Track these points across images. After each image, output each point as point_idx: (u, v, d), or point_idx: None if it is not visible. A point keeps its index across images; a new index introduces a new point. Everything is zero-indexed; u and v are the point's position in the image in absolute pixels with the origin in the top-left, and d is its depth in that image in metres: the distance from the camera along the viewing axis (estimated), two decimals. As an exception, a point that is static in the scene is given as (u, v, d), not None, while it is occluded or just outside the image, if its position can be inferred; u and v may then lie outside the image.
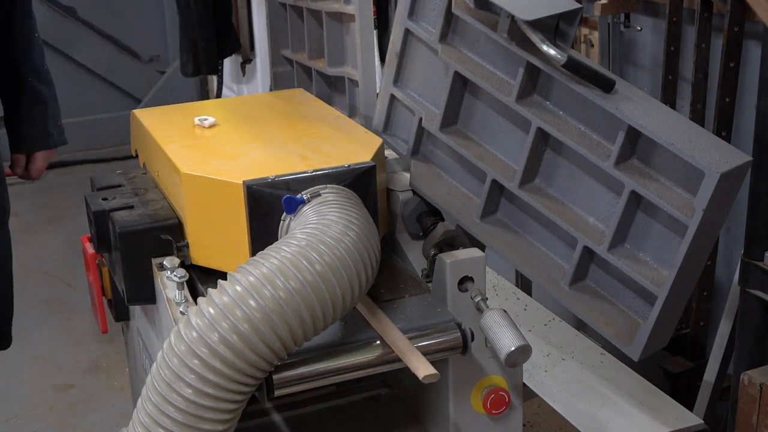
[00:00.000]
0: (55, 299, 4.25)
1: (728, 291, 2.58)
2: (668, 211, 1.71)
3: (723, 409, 2.60)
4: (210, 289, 1.53)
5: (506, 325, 1.69)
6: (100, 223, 2.03)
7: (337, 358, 1.65)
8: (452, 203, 2.05)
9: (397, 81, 2.17)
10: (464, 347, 1.71)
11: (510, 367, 1.73)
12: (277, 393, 1.59)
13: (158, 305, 1.92)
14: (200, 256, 1.90)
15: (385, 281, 1.88)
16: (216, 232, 1.85)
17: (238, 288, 1.50)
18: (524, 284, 3.17)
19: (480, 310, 1.75)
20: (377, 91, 2.40)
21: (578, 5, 1.85)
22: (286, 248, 1.55)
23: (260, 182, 1.77)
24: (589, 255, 1.87)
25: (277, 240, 1.69)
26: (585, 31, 2.97)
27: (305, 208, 1.73)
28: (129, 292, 1.95)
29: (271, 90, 3.24)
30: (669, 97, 2.73)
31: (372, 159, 1.87)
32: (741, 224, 2.38)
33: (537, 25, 1.77)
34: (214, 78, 4.66)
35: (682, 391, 2.75)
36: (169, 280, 1.78)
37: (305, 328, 1.52)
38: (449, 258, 1.80)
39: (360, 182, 1.83)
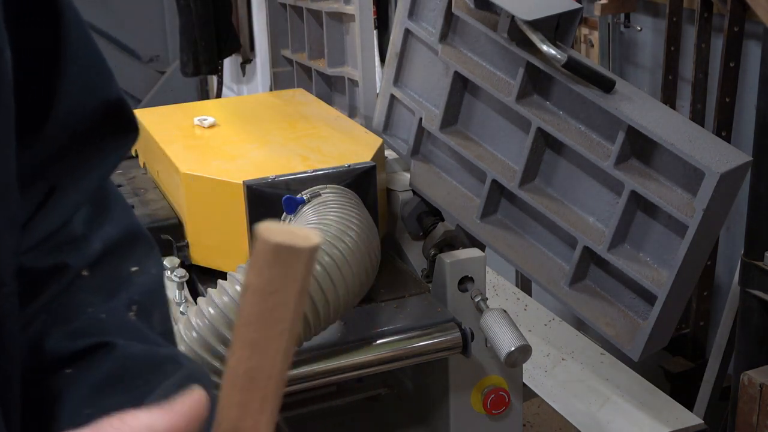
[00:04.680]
0: (55, 299, 4.24)
1: (728, 291, 2.58)
2: (668, 211, 1.70)
3: (723, 409, 2.59)
4: (210, 290, 1.53)
5: (506, 325, 1.69)
6: (100, 223, 2.02)
7: (337, 358, 1.65)
8: (452, 203, 2.05)
9: (397, 81, 2.17)
10: (464, 347, 1.71)
11: (510, 367, 1.73)
12: (277, 393, 1.59)
13: (158, 305, 1.92)
14: (200, 256, 1.90)
15: (385, 281, 1.88)
16: (216, 232, 1.85)
17: (238, 288, 1.50)
18: (524, 284, 3.17)
19: (480, 310, 1.75)
20: (377, 91, 2.40)
21: (578, 5, 1.85)
22: (286, 248, 1.55)
23: (260, 182, 1.77)
24: (589, 255, 1.87)
25: (277, 240, 1.69)
26: (585, 31, 2.97)
27: (305, 208, 1.73)
28: (129, 292, 1.95)
29: (271, 90, 3.23)
30: (669, 97, 2.73)
31: (372, 159, 1.87)
32: (741, 224, 2.38)
33: (537, 25, 1.77)
34: (214, 78, 4.66)
35: (682, 391, 2.75)
36: (169, 280, 1.78)
37: (305, 327, 1.52)
38: (449, 258, 1.80)
39: (360, 182, 1.83)
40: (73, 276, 0.67)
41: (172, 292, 1.78)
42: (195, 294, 1.83)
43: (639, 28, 2.87)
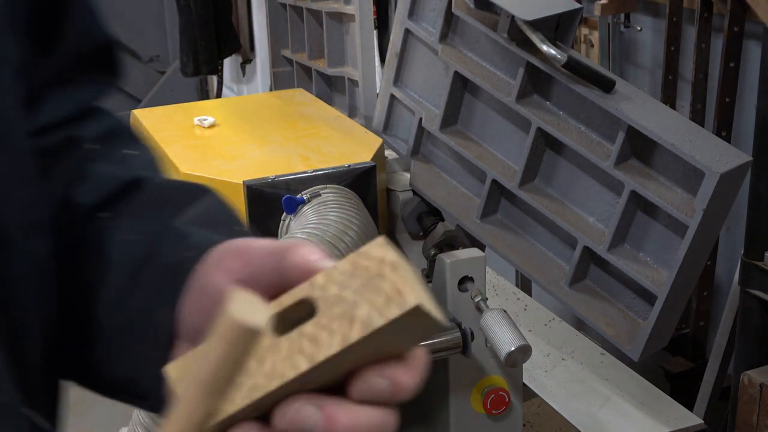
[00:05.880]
0: (55, 299, 4.24)
1: (728, 291, 2.58)
2: (668, 211, 1.70)
3: (723, 409, 2.59)
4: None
5: (506, 325, 1.69)
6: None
7: (337, 358, 1.65)
8: (452, 203, 2.05)
9: (397, 81, 2.17)
10: (464, 347, 1.71)
11: (510, 367, 1.73)
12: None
13: (158, 305, 1.91)
14: (200, 256, 1.89)
15: (385, 281, 1.87)
16: (216, 232, 1.85)
17: (238, 288, 1.50)
18: (524, 284, 3.17)
19: (480, 310, 1.75)
20: (377, 91, 2.40)
21: (578, 5, 1.85)
22: (286, 248, 1.55)
23: (260, 182, 1.77)
24: (589, 255, 1.87)
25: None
26: (585, 31, 2.97)
27: (305, 208, 1.73)
28: (129, 292, 1.95)
29: (271, 90, 3.24)
30: (669, 97, 2.73)
31: (372, 159, 1.87)
32: (741, 224, 2.38)
33: (537, 25, 1.77)
34: (214, 78, 4.66)
35: (682, 391, 2.75)
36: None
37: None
38: (449, 258, 1.80)
39: (360, 182, 1.83)
40: (84, 148, 0.73)
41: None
42: (195, 294, 1.82)
43: (639, 28, 2.87)
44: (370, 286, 0.48)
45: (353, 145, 1.98)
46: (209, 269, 0.59)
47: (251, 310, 0.49)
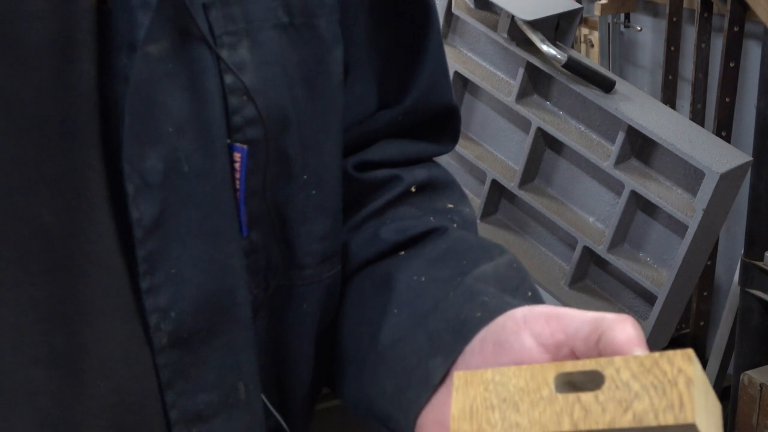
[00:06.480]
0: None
1: (728, 291, 2.58)
2: (668, 211, 1.71)
3: (723, 409, 2.60)
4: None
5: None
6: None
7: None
8: (452, 203, 2.05)
9: (397, 81, 2.17)
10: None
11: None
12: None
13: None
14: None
15: (385, 281, 1.87)
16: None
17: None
18: (524, 284, 3.17)
19: (480, 310, 1.75)
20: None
21: (578, 5, 1.85)
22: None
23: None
24: (589, 255, 1.87)
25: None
26: (585, 31, 2.97)
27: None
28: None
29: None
30: (669, 97, 2.73)
31: (372, 159, 1.87)
32: (741, 224, 2.38)
33: (537, 25, 1.77)
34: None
35: (682, 391, 2.74)
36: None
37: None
38: (449, 258, 1.80)
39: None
40: (403, 189, 0.74)
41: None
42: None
43: (639, 28, 2.87)
44: (659, 387, 0.50)
45: (353, 145, 1.98)
46: (514, 328, 0.58)
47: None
